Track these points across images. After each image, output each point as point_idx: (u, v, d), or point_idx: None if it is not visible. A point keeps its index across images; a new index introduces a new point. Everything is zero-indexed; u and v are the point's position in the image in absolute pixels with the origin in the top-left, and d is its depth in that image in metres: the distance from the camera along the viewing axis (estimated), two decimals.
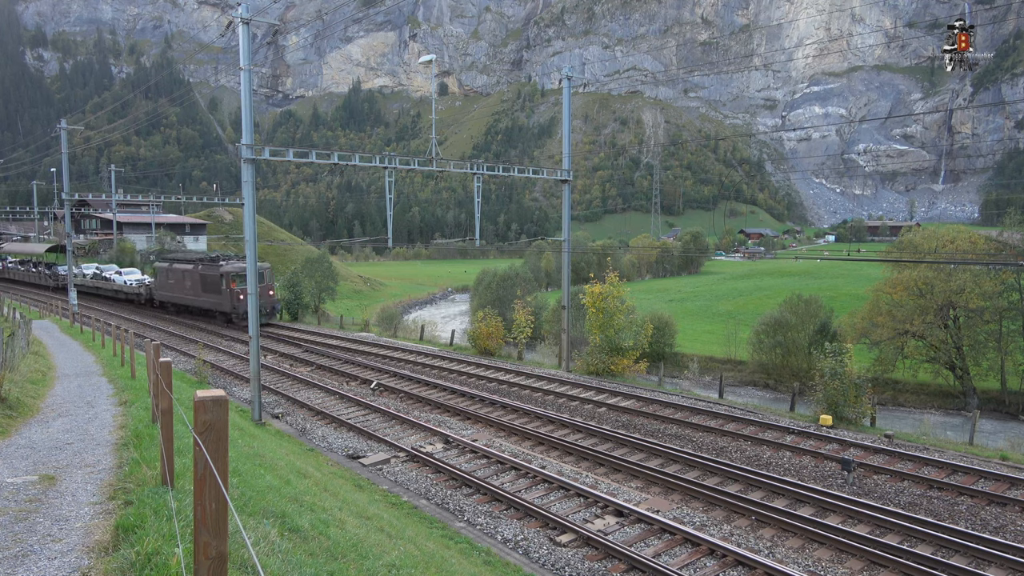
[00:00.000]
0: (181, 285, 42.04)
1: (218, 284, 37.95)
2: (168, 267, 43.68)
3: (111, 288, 52.89)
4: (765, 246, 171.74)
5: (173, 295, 43.65)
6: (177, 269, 42.47)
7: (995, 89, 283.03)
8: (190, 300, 41.58)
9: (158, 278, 45.56)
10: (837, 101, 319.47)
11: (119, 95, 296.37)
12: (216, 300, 38.64)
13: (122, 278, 52.80)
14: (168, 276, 43.72)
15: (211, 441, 3.41)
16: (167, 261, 45.11)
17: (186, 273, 41.44)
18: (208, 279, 38.93)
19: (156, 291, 45.98)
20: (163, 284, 44.64)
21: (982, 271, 35.73)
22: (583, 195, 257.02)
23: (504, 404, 21.42)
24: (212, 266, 38.81)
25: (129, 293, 50.56)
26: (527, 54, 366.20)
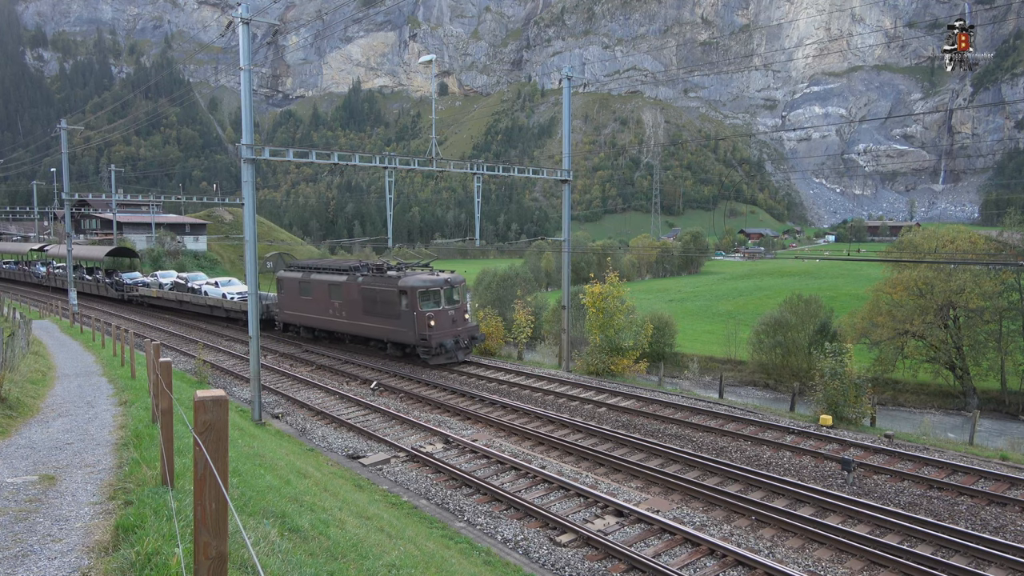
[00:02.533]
0: (325, 303, 30.88)
1: (395, 304, 26.90)
2: (302, 278, 32.33)
3: (202, 303, 41.10)
4: (765, 246, 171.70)
5: (312, 316, 32.26)
6: (319, 281, 31.10)
7: (995, 89, 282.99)
8: (343, 324, 30.30)
9: (284, 293, 33.96)
10: (837, 101, 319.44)
11: (119, 95, 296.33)
12: (391, 327, 27.37)
13: (219, 290, 40.71)
14: (302, 290, 32.43)
15: (211, 441, 3.41)
16: (299, 269, 33.78)
17: (337, 287, 30.06)
18: (379, 297, 27.71)
19: (283, 309, 34.61)
20: (293, 301, 33.37)
21: (982, 271, 35.73)
22: (583, 195, 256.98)
23: (504, 404, 21.42)
24: (383, 278, 27.66)
25: (232, 311, 38.45)
26: (527, 54, 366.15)
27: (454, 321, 26.41)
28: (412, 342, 26.72)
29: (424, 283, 26.49)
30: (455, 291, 27.24)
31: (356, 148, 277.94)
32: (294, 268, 34.42)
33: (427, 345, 26.03)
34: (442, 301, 26.38)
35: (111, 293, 52.93)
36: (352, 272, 29.80)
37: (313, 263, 34.59)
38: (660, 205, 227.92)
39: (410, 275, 27.19)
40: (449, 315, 26.32)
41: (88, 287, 56.81)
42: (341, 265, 31.56)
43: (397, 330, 27.14)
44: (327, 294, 30.65)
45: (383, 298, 27.41)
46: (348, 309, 29.53)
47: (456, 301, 27.04)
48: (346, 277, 29.69)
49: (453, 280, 27.18)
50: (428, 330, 25.95)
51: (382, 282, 27.53)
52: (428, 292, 26.52)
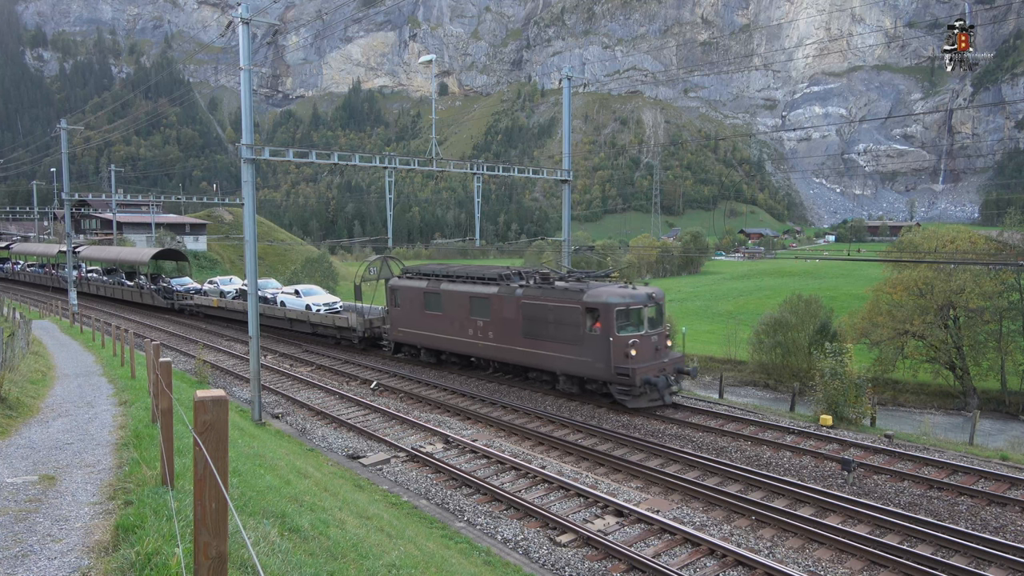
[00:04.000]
0: (462, 321, 24.40)
1: (577, 326, 20.28)
2: (428, 288, 25.73)
3: (279, 316, 35.07)
4: (765, 246, 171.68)
5: (441, 336, 25.51)
6: (454, 293, 24.62)
7: (995, 89, 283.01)
8: (488, 349, 23.56)
9: (399, 306, 27.37)
10: (837, 101, 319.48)
11: (119, 95, 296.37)
12: (569, 355, 20.68)
13: (300, 300, 34.54)
14: (428, 303, 25.82)
15: (211, 441, 3.41)
16: (423, 277, 26.81)
17: (481, 301, 23.55)
18: (551, 315, 21.05)
19: (396, 326, 27.85)
20: (412, 316, 26.75)
21: (982, 271, 35.74)
22: (583, 195, 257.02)
23: (504, 404, 21.42)
24: (557, 290, 21.07)
25: (321, 326, 32.54)
26: (527, 54, 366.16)
27: (657, 350, 20.05)
28: (603, 377, 19.93)
29: (623, 299, 19.75)
30: (659, 309, 20.70)
31: (356, 148, 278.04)
32: (414, 275, 27.24)
33: (627, 382, 19.25)
34: (644, 323, 19.93)
35: (157, 301, 45.19)
36: (504, 281, 23.15)
37: (441, 269, 27.04)
38: (660, 205, 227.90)
39: (597, 287, 20.45)
40: (652, 342, 19.96)
41: (128, 294, 49.15)
42: (484, 272, 24.57)
43: (578, 360, 20.26)
44: (465, 309, 24.01)
45: (558, 317, 20.67)
46: (498, 329, 22.90)
47: (658, 323, 20.61)
48: (497, 288, 23.07)
49: (657, 295, 20.61)
50: (628, 361, 19.30)
51: (556, 296, 20.88)
52: (628, 311, 19.77)
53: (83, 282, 55.10)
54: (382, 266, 31.05)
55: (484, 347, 23.87)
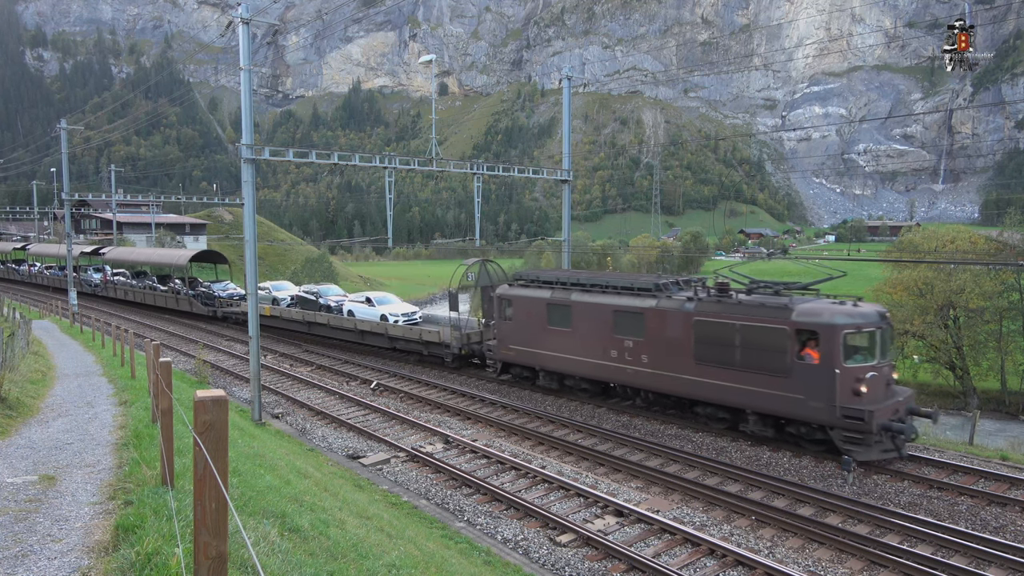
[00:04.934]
0: (603, 340, 19.96)
1: (780, 352, 15.94)
2: (553, 299, 21.49)
3: (349, 328, 30.59)
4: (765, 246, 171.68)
5: (573, 357, 20.99)
6: (591, 306, 20.31)
7: (995, 89, 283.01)
8: (640, 376, 19.19)
9: (510, 319, 22.94)
10: (837, 101, 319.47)
11: (119, 95, 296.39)
12: (768, 389, 16.22)
13: (374, 309, 30.38)
14: (552, 317, 21.49)
15: (211, 441, 3.42)
16: (543, 285, 22.26)
17: (631, 317, 19.27)
18: (740, 337, 16.75)
19: (505, 343, 23.26)
20: (528, 331, 22.28)
21: (982, 271, 35.75)
22: (583, 195, 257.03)
23: (504, 404, 21.43)
24: (752, 306, 16.70)
25: (402, 340, 27.93)
26: (527, 54, 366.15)
27: (888, 385, 15.84)
28: (820, 419, 15.48)
29: (852, 319, 15.34)
30: (891, 333, 16.49)
31: (356, 148, 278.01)
32: (531, 283, 22.69)
33: (858, 427, 14.80)
34: (877, 351, 15.56)
35: (196, 308, 41.13)
36: (663, 292, 18.89)
37: (569, 276, 22.03)
38: (660, 205, 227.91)
39: (809, 302, 16.25)
40: (884, 375, 15.71)
41: (161, 300, 45.05)
42: (633, 281, 20.01)
43: (781, 396, 15.84)
44: (606, 325, 19.67)
45: (750, 339, 16.38)
46: (655, 352, 18.58)
47: (888, 351, 16.15)
48: (654, 300, 18.72)
49: (887, 315, 16.31)
50: (859, 401, 15.00)
51: (747, 312, 16.54)
52: (859, 335, 15.47)
53: (108, 286, 52.00)
54: (480, 271, 26.44)
55: (633, 373, 19.23)
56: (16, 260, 74.49)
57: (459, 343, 25.71)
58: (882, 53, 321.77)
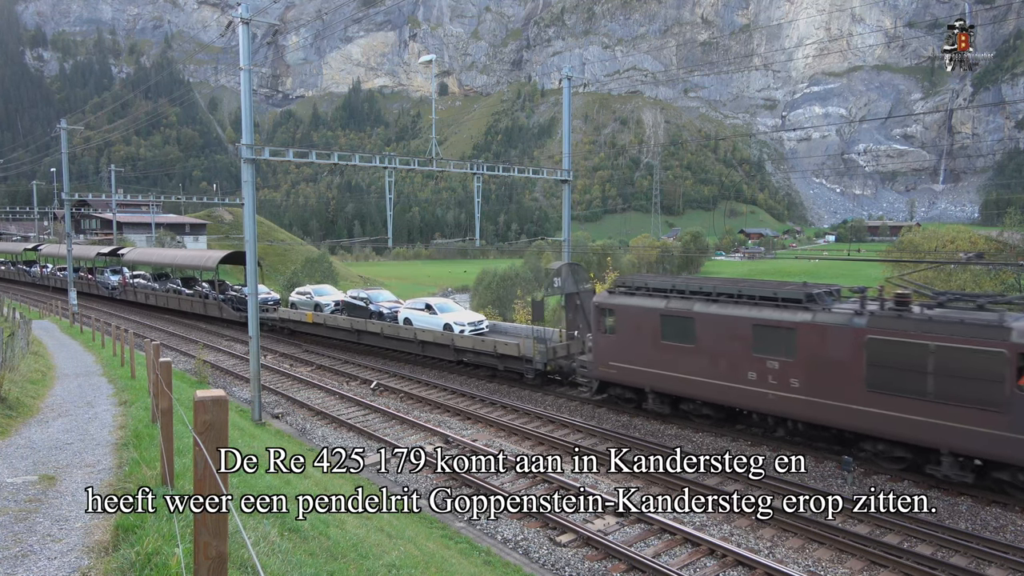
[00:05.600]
0: (739, 359, 17.10)
1: (996, 380, 13.19)
2: (669, 310, 18.62)
3: (407, 339, 27.87)
4: (765, 246, 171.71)
5: (698, 379, 18.10)
6: (721, 319, 17.51)
7: (995, 89, 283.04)
8: (787, 403, 16.35)
9: (617, 333, 19.83)
10: (837, 101, 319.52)
11: (119, 95, 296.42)
12: (984, 425, 13.35)
13: (437, 318, 27.49)
14: (668, 331, 18.67)
15: (211, 441, 3.42)
16: (661, 293, 19.19)
17: (780, 335, 16.36)
18: (942, 360, 13.86)
19: (604, 358, 20.23)
20: (638, 347, 19.31)
21: (982, 271, 35.73)
22: (583, 195, 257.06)
23: (504, 404, 21.43)
24: (948, 323, 13.97)
25: (472, 352, 25.11)
26: (527, 54, 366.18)
27: None
28: None
29: None
30: None
31: (356, 148, 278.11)
32: (639, 290, 19.70)
33: None
34: None
35: (226, 314, 38.24)
36: (820, 304, 16.11)
37: (689, 284, 19.02)
38: (660, 205, 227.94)
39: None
40: None
41: (187, 304, 42.12)
42: (777, 290, 16.84)
43: (993, 434, 13.21)
44: (743, 342, 16.87)
45: (948, 364, 13.72)
46: (810, 375, 15.84)
47: None
48: (808, 314, 15.94)
49: None
50: None
51: (944, 330, 13.86)
52: None
53: (128, 289, 49.08)
54: (567, 274, 23.22)
55: (778, 399, 16.21)
56: (27, 261, 71.41)
57: (544, 358, 22.58)
58: (882, 53, 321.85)
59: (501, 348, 23.68)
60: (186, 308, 42.49)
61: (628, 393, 20.26)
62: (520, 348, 23.01)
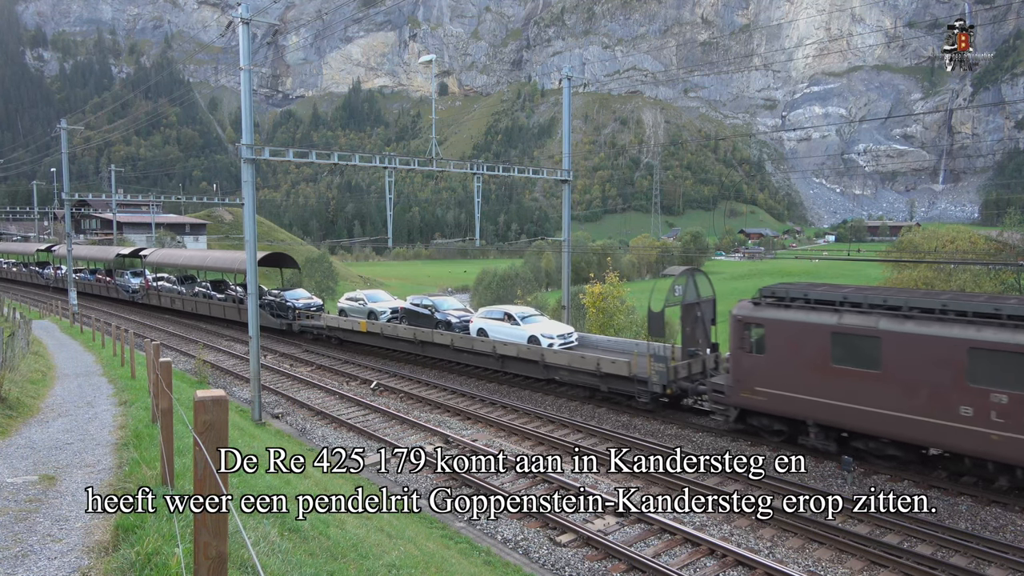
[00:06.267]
0: (950, 391, 13.72)
1: None
2: (841, 325, 15.28)
3: (484, 352, 24.74)
4: (765, 246, 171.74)
5: (879, 412, 14.71)
6: (921, 339, 14.18)
7: (995, 89, 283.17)
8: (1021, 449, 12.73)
9: (768, 353, 16.60)
10: (837, 101, 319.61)
11: (119, 95, 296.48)
12: None
13: (520, 328, 24.36)
14: (840, 352, 15.33)
15: (211, 441, 3.42)
16: (829, 306, 15.74)
17: (1008, 359, 13.01)
18: None
19: (748, 382, 16.94)
20: (799, 371, 16.04)
21: (982, 271, 35.74)
22: (583, 195, 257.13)
23: (504, 404, 21.43)
24: None
25: (566, 370, 21.96)
26: (527, 54, 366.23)
27: None
28: None
29: None
30: None
31: (356, 148, 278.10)
32: (794, 301, 16.44)
33: None
34: None
35: (265, 320, 33.63)
36: None
37: (866, 294, 15.67)
38: (660, 205, 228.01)
39: None
40: None
41: (219, 310, 38.72)
42: (997, 306, 13.92)
43: None
44: (954, 370, 13.76)
45: None
46: None
47: None
48: None
49: None
50: None
51: None
52: None
53: (151, 293, 45.98)
54: (688, 283, 20.38)
55: (1006, 442, 13.07)
56: (40, 263, 68.18)
57: (663, 379, 18.99)
58: (882, 53, 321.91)
59: (607, 367, 20.34)
60: (217, 314, 39.26)
61: (777, 424, 16.95)
62: (632, 367, 19.71)
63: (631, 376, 19.85)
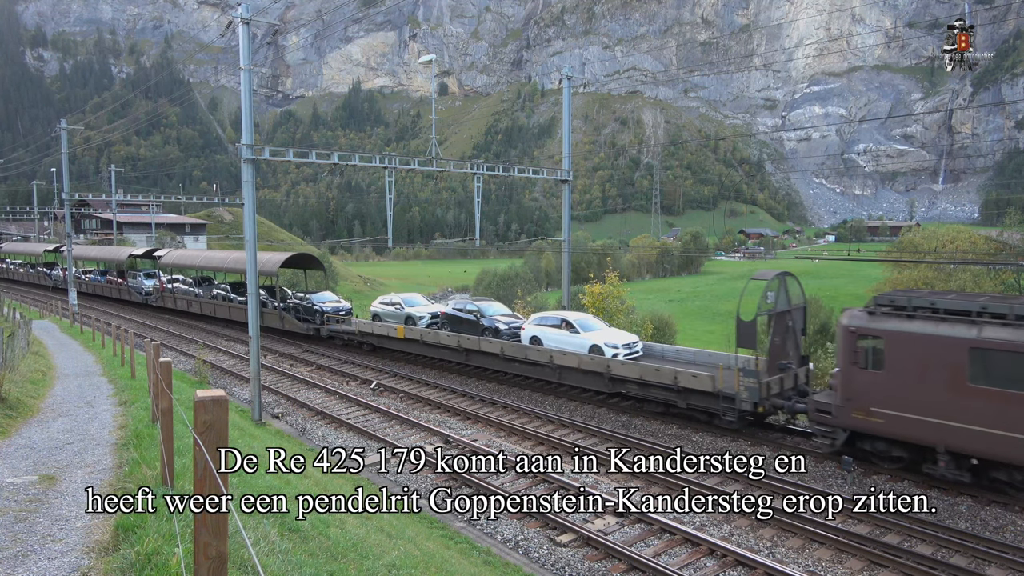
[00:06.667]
0: None
1: None
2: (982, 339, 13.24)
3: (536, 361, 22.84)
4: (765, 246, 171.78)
5: None
6: None
7: (995, 89, 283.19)
8: None
9: (888, 370, 14.63)
10: (837, 101, 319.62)
11: (119, 95, 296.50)
12: None
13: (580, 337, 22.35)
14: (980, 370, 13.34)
15: (211, 441, 3.42)
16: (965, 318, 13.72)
17: None
18: None
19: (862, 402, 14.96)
20: (927, 391, 14.06)
21: (982, 271, 35.73)
22: (583, 195, 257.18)
23: (504, 404, 21.43)
24: None
25: (637, 383, 19.87)
26: (527, 54, 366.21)
27: None
28: None
29: None
30: None
31: (356, 148, 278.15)
32: (920, 311, 14.55)
33: None
34: None
35: (290, 325, 33.82)
36: None
37: (1013, 305, 13.61)
38: (660, 205, 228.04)
39: None
40: None
41: (240, 313, 35.57)
42: None
43: None
44: None
45: None
46: None
47: None
48: None
49: None
50: None
51: None
52: None
53: (166, 295, 44.25)
54: (780, 289, 18.66)
55: None
56: (48, 264, 66.65)
57: (754, 396, 17.08)
58: (882, 53, 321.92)
59: (687, 381, 18.30)
60: (238, 318, 36.61)
61: (897, 450, 14.88)
62: (715, 381, 17.68)
63: (715, 392, 17.67)
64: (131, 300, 49.56)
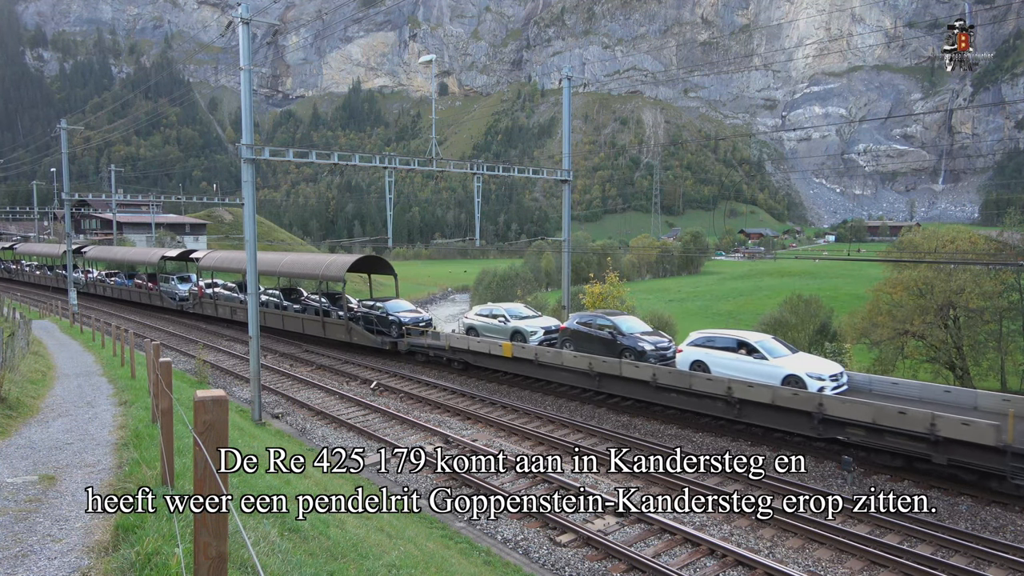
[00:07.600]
0: None
1: None
2: None
3: (703, 393, 18.27)
4: (765, 246, 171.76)
5: None
6: None
7: (995, 89, 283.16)
8: None
9: None
10: (837, 101, 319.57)
11: (119, 95, 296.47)
12: None
13: (768, 365, 17.57)
14: None
15: (211, 441, 3.42)
16: None
17: None
18: None
19: None
20: None
21: (982, 271, 35.70)
22: (583, 195, 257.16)
23: (504, 404, 21.43)
24: None
25: (863, 427, 14.94)
26: (527, 54, 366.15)
27: None
28: None
29: None
30: None
31: (356, 148, 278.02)
32: None
33: None
34: None
35: (358, 338, 29.77)
36: None
37: None
38: (660, 205, 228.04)
39: None
40: None
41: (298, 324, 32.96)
42: None
43: None
44: None
45: None
46: None
47: None
48: None
49: None
50: None
51: None
52: None
53: (205, 302, 40.38)
54: None
55: None
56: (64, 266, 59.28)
57: None
58: (882, 53, 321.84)
59: (951, 429, 13.70)
60: (293, 328, 33.35)
61: None
62: (1002, 432, 13.20)
63: (1000, 446, 13.18)
64: (163, 306, 45.55)
